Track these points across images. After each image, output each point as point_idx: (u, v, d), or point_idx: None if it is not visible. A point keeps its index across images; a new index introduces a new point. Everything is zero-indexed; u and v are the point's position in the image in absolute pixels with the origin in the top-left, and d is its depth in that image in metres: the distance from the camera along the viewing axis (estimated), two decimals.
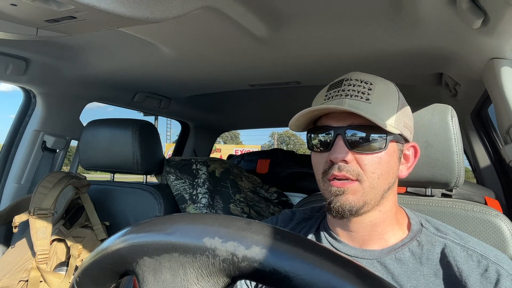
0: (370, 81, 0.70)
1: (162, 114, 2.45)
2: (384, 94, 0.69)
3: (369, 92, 0.68)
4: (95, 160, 1.62)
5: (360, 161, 0.67)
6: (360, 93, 0.68)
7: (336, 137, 0.67)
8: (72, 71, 1.61)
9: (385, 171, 0.68)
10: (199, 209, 1.68)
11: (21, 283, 1.23)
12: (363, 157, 0.67)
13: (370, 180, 0.67)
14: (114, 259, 0.35)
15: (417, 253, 0.68)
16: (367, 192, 0.67)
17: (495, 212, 0.84)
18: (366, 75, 0.72)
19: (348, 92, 0.68)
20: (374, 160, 0.67)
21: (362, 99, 0.67)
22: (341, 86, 0.70)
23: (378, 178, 0.67)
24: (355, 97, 0.67)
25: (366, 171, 0.67)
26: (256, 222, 0.33)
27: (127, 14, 0.81)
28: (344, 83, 0.70)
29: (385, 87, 0.71)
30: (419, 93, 1.74)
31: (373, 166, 0.67)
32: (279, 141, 40.54)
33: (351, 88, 0.69)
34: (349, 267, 0.29)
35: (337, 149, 0.66)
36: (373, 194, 0.68)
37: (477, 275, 0.63)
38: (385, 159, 0.68)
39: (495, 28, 0.82)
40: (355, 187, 0.67)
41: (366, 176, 0.67)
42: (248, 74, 1.62)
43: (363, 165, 0.67)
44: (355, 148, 0.66)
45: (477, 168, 1.91)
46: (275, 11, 1.05)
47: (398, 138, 0.70)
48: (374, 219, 0.70)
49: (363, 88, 0.68)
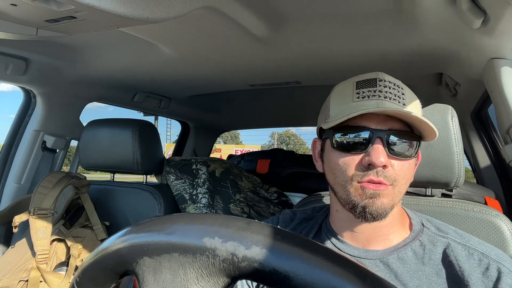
0: (401, 85, 0.69)
1: (162, 114, 2.45)
2: (413, 100, 0.69)
3: (403, 96, 0.67)
4: (95, 160, 1.62)
5: (394, 166, 0.66)
6: (396, 96, 0.66)
7: (375, 140, 0.65)
8: (72, 71, 1.61)
9: (410, 176, 0.69)
10: (199, 209, 1.68)
11: (21, 283, 1.23)
12: (398, 162, 0.66)
13: (400, 185, 0.67)
14: (114, 259, 0.35)
15: (419, 253, 0.68)
16: (396, 196, 0.67)
17: (495, 212, 0.84)
18: (392, 78, 0.70)
19: (386, 94, 0.66)
20: (406, 167, 0.67)
21: (400, 103, 0.66)
22: (375, 86, 0.67)
23: (405, 184, 0.68)
24: (393, 100, 0.66)
25: (399, 176, 0.66)
26: (256, 222, 0.33)
27: (127, 14, 0.81)
28: (379, 84, 0.68)
29: (411, 93, 0.71)
30: (419, 93, 1.72)
31: (404, 172, 0.67)
32: (279, 141, 40.55)
33: (387, 90, 0.67)
34: (349, 267, 0.29)
35: (378, 154, 0.64)
36: (398, 198, 0.68)
37: (479, 274, 0.63)
38: (412, 165, 0.69)
39: (495, 28, 0.82)
40: (389, 190, 0.66)
41: (398, 182, 0.66)
42: (248, 74, 1.62)
43: (398, 170, 0.66)
44: (393, 154, 0.66)
45: (477, 168, 1.91)
46: (275, 11, 1.05)
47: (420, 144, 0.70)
48: (382, 220, 0.70)
49: (397, 91, 0.67)
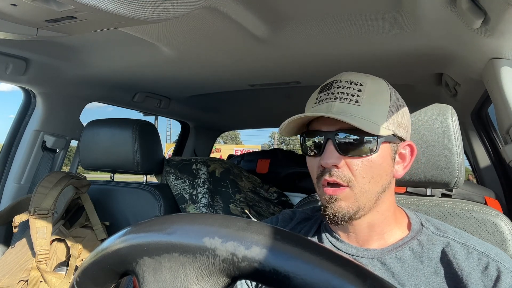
0: (360, 82, 0.68)
1: (162, 114, 2.45)
2: (374, 95, 0.68)
3: (359, 94, 0.67)
4: (95, 160, 1.62)
5: (351, 166, 0.66)
6: (349, 95, 0.67)
7: (326, 141, 0.67)
8: (72, 71, 1.61)
9: (377, 173, 0.67)
10: (199, 209, 1.68)
11: (21, 283, 1.23)
12: (354, 161, 0.66)
13: (360, 185, 0.66)
14: (114, 259, 0.35)
15: (418, 252, 0.68)
16: (359, 197, 0.67)
17: (495, 212, 0.84)
18: (357, 75, 0.70)
19: (337, 95, 0.67)
20: (365, 164, 0.66)
21: (351, 101, 0.66)
22: (330, 89, 0.69)
23: (369, 182, 0.67)
24: (344, 99, 0.66)
25: (357, 176, 0.66)
26: (256, 222, 0.33)
27: (127, 14, 0.81)
28: (334, 85, 0.69)
29: (376, 87, 0.69)
30: (419, 93, 1.74)
31: (364, 170, 0.66)
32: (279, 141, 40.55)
33: (340, 91, 0.68)
34: (349, 267, 0.29)
35: (327, 154, 0.66)
36: (366, 199, 0.67)
37: (478, 273, 0.63)
38: (377, 161, 0.67)
39: (495, 28, 0.82)
40: (346, 193, 0.66)
41: (356, 182, 0.66)
42: (248, 74, 1.62)
43: (354, 170, 0.66)
44: (346, 153, 0.66)
45: (477, 168, 1.91)
46: (275, 11, 1.05)
47: (391, 138, 0.68)
48: (372, 220, 0.70)
49: (352, 90, 0.67)
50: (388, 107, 0.68)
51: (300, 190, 2.19)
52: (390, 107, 0.68)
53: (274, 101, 2.28)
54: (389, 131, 0.67)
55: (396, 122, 0.68)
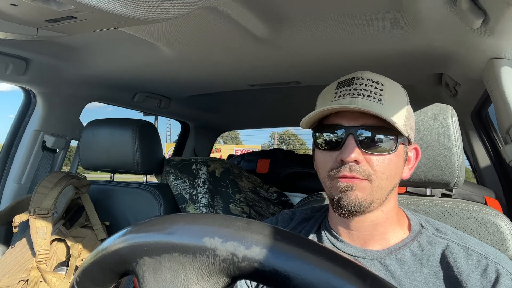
0: (381, 82, 0.69)
1: (162, 114, 2.45)
2: (395, 96, 0.69)
3: (381, 92, 0.67)
4: (95, 160, 1.62)
5: (370, 162, 0.67)
6: (372, 93, 0.67)
7: (347, 136, 0.67)
8: (72, 71, 1.61)
9: (394, 172, 0.68)
10: (199, 209, 1.68)
11: (21, 283, 1.23)
12: (374, 158, 0.67)
13: (379, 180, 0.67)
14: (114, 259, 0.35)
15: (418, 254, 0.68)
16: (375, 191, 0.67)
17: (495, 212, 0.84)
18: (376, 75, 0.71)
19: (360, 91, 0.67)
20: (385, 162, 0.67)
21: (374, 99, 0.66)
22: (352, 85, 0.69)
23: (387, 179, 0.68)
24: (368, 97, 0.67)
25: (377, 171, 0.66)
26: (256, 222, 0.33)
27: (127, 14, 0.81)
28: (356, 82, 0.69)
29: (395, 88, 0.71)
30: (419, 93, 1.74)
31: (383, 167, 0.67)
32: (279, 141, 40.55)
33: (363, 88, 0.68)
34: (349, 267, 0.29)
35: (349, 149, 0.66)
36: (379, 194, 0.68)
37: (477, 275, 0.63)
38: (394, 160, 0.68)
39: (495, 28, 0.82)
40: (364, 184, 0.66)
41: (376, 176, 0.67)
42: (248, 74, 1.62)
43: (374, 165, 0.66)
44: (366, 149, 0.66)
45: (477, 168, 1.91)
46: (275, 11, 1.05)
47: (405, 140, 0.70)
48: (376, 218, 0.70)
49: (374, 88, 0.68)
50: (406, 109, 0.69)
51: (300, 190, 2.19)
52: (407, 110, 0.70)
53: (274, 101, 2.28)
54: (406, 132, 0.68)
55: (409, 125, 0.70)
